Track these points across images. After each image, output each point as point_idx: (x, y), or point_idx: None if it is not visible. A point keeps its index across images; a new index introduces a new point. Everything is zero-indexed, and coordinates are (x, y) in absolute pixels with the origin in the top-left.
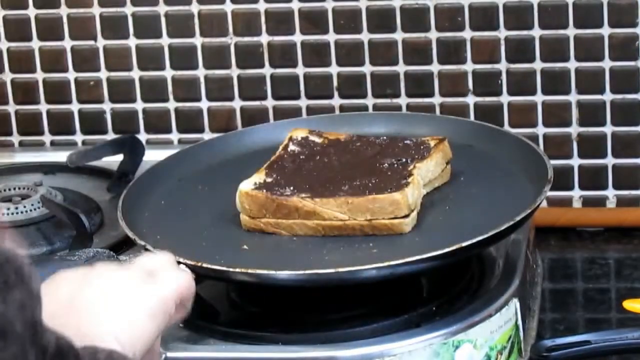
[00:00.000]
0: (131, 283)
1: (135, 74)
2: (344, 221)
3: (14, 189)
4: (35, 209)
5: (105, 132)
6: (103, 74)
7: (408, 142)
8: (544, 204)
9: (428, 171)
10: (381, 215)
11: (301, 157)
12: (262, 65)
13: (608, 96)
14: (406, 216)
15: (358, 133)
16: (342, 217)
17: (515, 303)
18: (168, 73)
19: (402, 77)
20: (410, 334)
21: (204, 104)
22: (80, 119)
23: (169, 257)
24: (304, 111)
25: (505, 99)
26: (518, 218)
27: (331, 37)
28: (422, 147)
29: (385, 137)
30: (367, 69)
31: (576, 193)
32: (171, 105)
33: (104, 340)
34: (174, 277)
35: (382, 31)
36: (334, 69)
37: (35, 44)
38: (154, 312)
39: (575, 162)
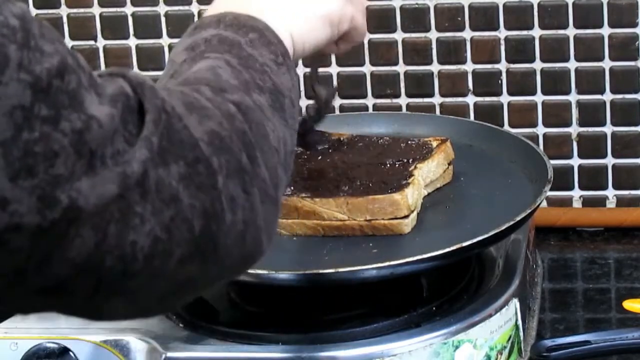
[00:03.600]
0: None
1: None
2: (344, 221)
3: None
4: None
5: None
6: None
7: (411, 142)
8: (544, 204)
9: (429, 172)
10: (381, 215)
11: (303, 156)
12: None
13: (608, 96)
14: (406, 217)
15: (358, 133)
16: (341, 217)
17: (515, 303)
18: None
19: (402, 77)
20: (410, 334)
21: None
22: None
23: None
24: (303, 111)
25: (505, 99)
26: (518, 218)
27: None
28: (424, 147)
29: (387, 138)
30: (367, 69)
31: (576, 193)
32: None
33: (280, 32)
34: (356, 4)
35: (382, 31)
36: (334, 69)
37: None
38: (330, 19)
39: (575, 162)
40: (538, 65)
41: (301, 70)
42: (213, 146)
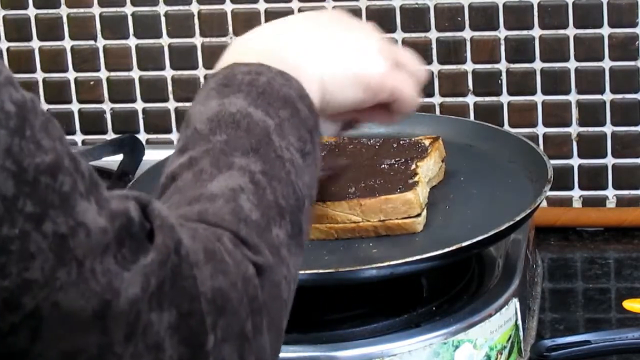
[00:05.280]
0: (363, 43)
1: (135, 74)
2: (357, 223)
3: None
4: None
5: (105, 132)
6: (103, 74)
7: (402, 142)
8: (544, 204)
9: (428, 170)
10: (394, 215)
11: None
12: None
13: (608, 96)
14: (418, 215)
15: (358, 133)
16: (355, 219)
17: (515, 303)
18: (168, 73)
19: None
20: (410, 334)
21: None
22: (80, 119)
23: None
24: None
25: (505, 98)
26: (518, 218)
27: None
28: (417, 146)
29: (378, 139)
30: None
31: (576, 193)
32: (171, 105)
33: (310, 79)
34: (403, 74)
35: (382, 31)
36: None
37: (35, 43)
38: (365, 82)
39: (575, 162)
40: (538, 65)
41: None
42: (214, 305)
